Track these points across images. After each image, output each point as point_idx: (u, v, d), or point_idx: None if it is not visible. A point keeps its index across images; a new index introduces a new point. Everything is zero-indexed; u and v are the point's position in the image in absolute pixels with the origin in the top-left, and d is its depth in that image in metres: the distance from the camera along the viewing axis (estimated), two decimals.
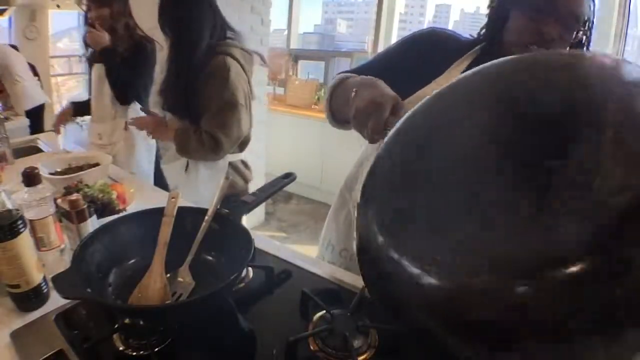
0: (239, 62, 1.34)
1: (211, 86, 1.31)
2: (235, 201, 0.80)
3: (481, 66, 0.46)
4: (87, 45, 1.74)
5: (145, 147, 1.85)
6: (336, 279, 0.80)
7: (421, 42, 0.85)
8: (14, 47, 4.18)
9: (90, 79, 1.84)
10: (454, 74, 0.74)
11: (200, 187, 1.45)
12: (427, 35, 0.85)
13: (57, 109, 2.44)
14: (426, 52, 0.82)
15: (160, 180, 1.73)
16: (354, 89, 0.60)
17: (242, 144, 1.49)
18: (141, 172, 1.82)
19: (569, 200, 0.32)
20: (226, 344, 0.62)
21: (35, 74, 3.57)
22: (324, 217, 0.94)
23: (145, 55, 1.70)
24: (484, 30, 0.81)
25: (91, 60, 1.79)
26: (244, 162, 1.55)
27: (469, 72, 0.47)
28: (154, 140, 1.86)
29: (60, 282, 0.56)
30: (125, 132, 1.80)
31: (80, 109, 1.90)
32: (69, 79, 4.20)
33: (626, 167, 0.31)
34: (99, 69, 1.76)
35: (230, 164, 1.48)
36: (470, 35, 0.85)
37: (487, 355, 0.35)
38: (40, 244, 0.80)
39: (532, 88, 0.40)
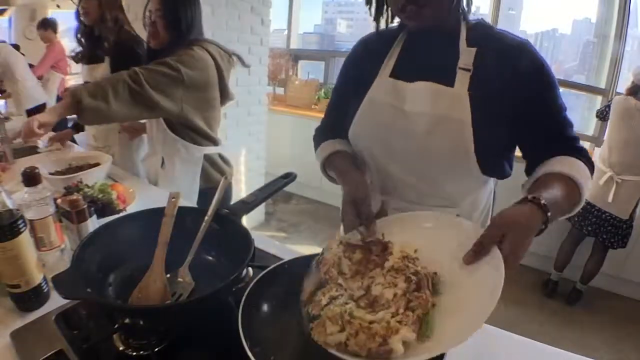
0: (211, 55, 1.35)
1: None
2: (211, 194, 0.80)
3: None
4: (80, 42, 1.72)
5: (142, 149, 1.83)
6: None
7: (355, 54, 0.94)
8: (16, 46, 4.17)
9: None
10: (392, 61, 0.84)
11: (177, 181, 1.44)
12: (358, 46, 0.95)
13: None
14: (363, 58, 0.91)
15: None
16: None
17: (213, 139, 1.48)
18: (139, 174, 1.79)
19: None
20: (226, 344, 0.62)
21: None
22: (324, 217, 0.94)
23: (130, 54, 1.64)
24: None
25: (85, 58, 1.77)
26: (221, 156, 1.54)
27: None
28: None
29: (60, 282, 0.56)
30: (120, 135, 1.78)
31: (79, 126, 1.88)
32: (69, 79, 4.21)
33: None
34: (92, 70, 1.74)
35: (206, 157, 1.47)
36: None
37: None
38: (40, 244, 0.80)
39: None
